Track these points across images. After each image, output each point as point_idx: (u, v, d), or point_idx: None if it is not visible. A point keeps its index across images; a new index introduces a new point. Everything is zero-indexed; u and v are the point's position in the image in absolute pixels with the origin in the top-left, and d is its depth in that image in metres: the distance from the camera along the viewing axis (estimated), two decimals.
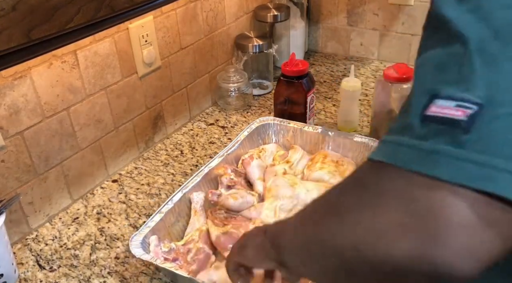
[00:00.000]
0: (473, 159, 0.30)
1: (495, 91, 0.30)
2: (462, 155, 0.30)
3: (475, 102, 0.30)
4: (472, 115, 0.30)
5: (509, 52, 0.31)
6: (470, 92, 0.31)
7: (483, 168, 0.29)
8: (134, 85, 1.09)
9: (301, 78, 1.12)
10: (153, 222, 0.83)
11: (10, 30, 0.58)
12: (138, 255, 0.77)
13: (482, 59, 0.31)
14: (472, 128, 0.30)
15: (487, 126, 0.30)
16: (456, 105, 0.31)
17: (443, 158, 0.31)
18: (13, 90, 0.84)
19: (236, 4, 1.36)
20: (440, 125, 0.31)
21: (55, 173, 0.96)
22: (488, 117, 0.30)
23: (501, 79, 0.30)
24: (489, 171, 0.29)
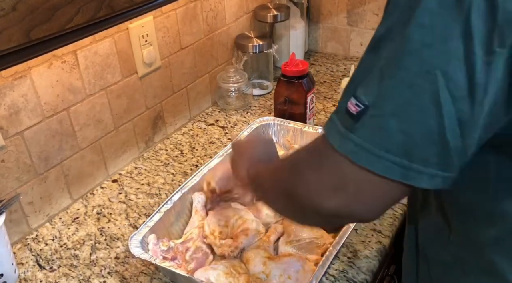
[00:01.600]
0: (354, 140, 0.45)
1: (376, 99, 0.44)
2: (349, 136, 0.45)
3: (364, 104, 0.44)
4: (359, 112, 0.45)
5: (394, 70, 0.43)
6: (366, 95, 0.44)
7: (358, 147, 0.45)
8: (134, 85, 1.09)
9: (301, 78, 1.12)
10: (152, 222, 0.83)
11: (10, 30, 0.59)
12: (137, 254, 0.77)
13: (380, 74, 0.44)
14: (358, 120, 0.45)
15: (366, 120, 0.44)
16: (355, 103, 0.45)
17: (341, 135, 0.46)
18: (13, 90, 0.84)
19: (236, 4, 1.36)
20: (346, 114, 0.46)
21: (55, 173, 0.96)
22: (367, 115, 0.44)
23: (381, 91, 0.44)
24: (360, 150, 0.45)
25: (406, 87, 0.42)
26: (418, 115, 0.42)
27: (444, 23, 0.40)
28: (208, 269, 0.77)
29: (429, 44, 0.41)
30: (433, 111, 0.42)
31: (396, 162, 0.43)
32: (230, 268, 0.78)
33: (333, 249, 0.78)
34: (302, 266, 0.78)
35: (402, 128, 0.43)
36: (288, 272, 0.78)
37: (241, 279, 0.76)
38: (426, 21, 0.41)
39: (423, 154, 0.43)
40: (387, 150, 0.43)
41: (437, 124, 0.42)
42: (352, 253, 0.85)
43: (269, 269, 0.78)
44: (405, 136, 0.43)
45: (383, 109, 0.43)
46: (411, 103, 0.42)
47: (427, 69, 0.41)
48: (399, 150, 0.43)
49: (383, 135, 0.43)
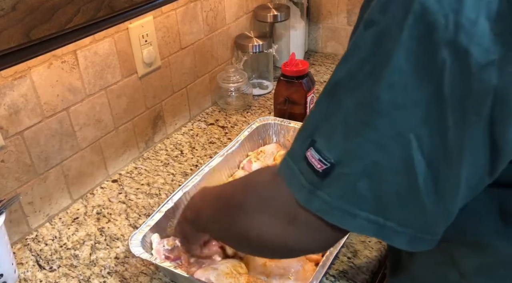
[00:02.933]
0: (323, 198, 0.43)
1: (343, 157, 0.42)
2: (316, 193, 0.44)
3: (330, 161, 0.42)
4: (324, 170, 0.43)
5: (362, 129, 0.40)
6: (330, 151, 0.42)
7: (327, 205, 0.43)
8: (134, 85, 1.09)
9: (301, 78, 1.12)
10: (153, 221, 0.83)
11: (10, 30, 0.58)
12: (137, 253, 0.77)
13: (345, 129, 0.42)
14: (324, 177, 0.43)
15: (334, 178, 0.42)
16: (319, 159, 0.43)
17: (307, 191, 0.44)
18: (13, 90, 0.84)
19: (236, 4, 1.36)
20: (309, 167, 0.44)
21: (55, 173, 0.96)
22: (334, 173, 0.42)
23: (349, 150, 0.41)
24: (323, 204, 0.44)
25: (376, 148, 0.40)
26: (390, 176, 0.40)
27: (415, 85, 0.38)
28: (208, 269, 0.77)
29: (400, 105, 0.38)
30: (406, 173, 0.40)
31: (371, 220, 0.42)
32: (231, 268, 0.77)
33: (333, 249, 0.78)
34: (302, 267, 0.78)
35: (374, 188, 0.41)
36: (288, 273, 0.78)
37: (242, 279, 0.76)
38: (396, 81, 0.38)
39: (398, 213, 0.42)
40: (361, 208, 0.42)
41: (410, 186, 0.40)
42: (352, 253, 0.85)
43: (269, 270, 0.78)
44: (378, 195, 0.41)
45: (352, 168, 0.42)
46: (382, 164, 0.40)
47: (399, 131, 0.39)
48: (373, 208, 0.42)
49: (355, 194, 0.42)
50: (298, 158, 0.46)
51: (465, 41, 0.35)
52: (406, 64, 0.38)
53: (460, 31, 0.35)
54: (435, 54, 0.37)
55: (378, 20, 0.40)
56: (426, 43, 0.37)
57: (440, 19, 0.36)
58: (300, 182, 0.45)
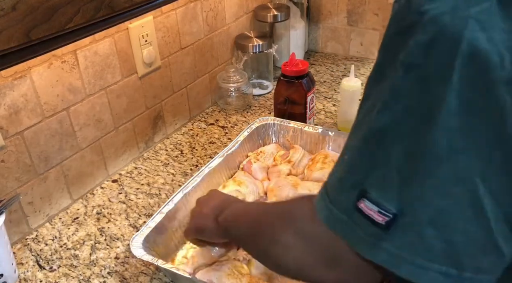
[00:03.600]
0: (389, 250, 0.41)
1: (405, 207, 0.39)
2: (382, 245, 0.41)
3: (392, 213, 0.40)
4: (388, 222, 0.40)
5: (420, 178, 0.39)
6: (390, 202, 0.40)
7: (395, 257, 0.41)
8: (134, 85, 1.09)
9: (301, 78, 1.12)
10: (153, 223, 0.83)
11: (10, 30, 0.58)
12: (139, 255, 0.77)
13: (401, 179, 0.40)
14: (388, 229, 0.40)
15: (399, 229, 0.40)
16: (378, 211, 0.41)
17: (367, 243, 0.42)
18: (13, 90, 0.84)
19: (236, 4, 1.36)
20: (367, 220, 0.41)
21: (55, 173, 0.96)
22: (399, 224, 0.40)
23: (410, 199, 0.39)
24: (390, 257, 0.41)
25: (440, 196, 0.38)
26: (460, 223, 0.38)
27: (474, 127, 0.36)
28: (210, 271, 0.77)
29: (460, 149, 0.37)
30: (477, 219, 0.38)
31: (444, 272, 0.39)
32: (233, 269, 0.77)
33: None
34: None
35: (444, 237, 0.39)
36: None
37: (244, 280, 0.76)
38: (452, 125, 0.37)
39: (474, 262, 0.39)
40: (431, 260, 0.39)
41: (483, 232, 0.38)
42: None
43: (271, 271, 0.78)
44: (448, 245, 0.39)
45: (417, 218, 0.39)
46: (450, 212, 0.38)
47: (462, 176, 0.37)
48: (445, 260, 0.39)
49: (424, 245, 0.39)
50: (348, 209, 0.43)
51: None
52: (460, 107, 0.36)
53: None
54: (493, 94, 0.35)
55: (421, 64, 0.38)
56: (481, 84, 0.35)
57: (494, 58, 0.35)
58: (357, 235, 0.43)
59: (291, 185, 0.94)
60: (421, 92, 0.38)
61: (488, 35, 0.35)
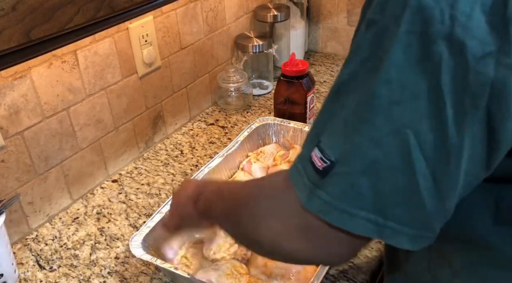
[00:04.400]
0: (322, 197, 0.42)
1: (343, 155, 0.41)
2: (316, 192, 0.43)
3: (330, 159, 0.42)
4: (325, 168, 0.42)
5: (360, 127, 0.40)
6: (331, 150, 0.42)
7: (327, 205, 0.42)
8: (134, 85, 1.09)
9: (301, 78, 1.12)
10: (153, 222, 0.83)
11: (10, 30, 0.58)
12: (138, 255, 0.77)
13: (345, 128, 0.41)
14: (324, 176, 0.42)
15: (334, 177, 0.42)
16: (320, 157, 0.43)
17: (308, 190, 0.43)
18: (13, 90, 0.84)
19: (236, 4, 1.36)
20: (312, 167, 0.43)
21: (55, 173, 0.96)
22: (334, 172, 0.42)
23: (348, 148, 0.41)
24: (323, 204, 0.42)
25: (374, 145, 0.39)
26: (389, 174, 0.40)
27: (412, 80, 0.38)
28: (209, 270, 0.77)
29: (397, 101, 0.38)
30: (405, 171, 0.39)
31: (370, 219, 0.41)
32: (231, 268, 0.77)
33: None
34: (304, 267, 0.78)
35: (373, 186, 0.40)
36: (289, 273, 0.78)
37: (243, 280, 0.76)
38: (393, 77, 0.38)
39: (397, 212, 0.41)
40: (360, 207, 0.41)
41: (409, 183, 0.39)
42: None
43: (270, 270, 0.78)
44: (377, 194, 0.40)
45: (350, 167, 0.41)
46: (381, 162, 0.40)
47: (395, 127, 0.39)
48: (373, 207, 0.41)
49: (354, 193, 0.41)
50: (305, 159, 0.45)
51: (461, 34, 0.36)
52: (403, 59, 0.38)
53: (455, 24, 0.36)
54: (431, 48, 0.37)
55: (378, 19, 0.40)
56: (423, 38, 0.37)
57: (436, 13, 0.36)
58: (303, 181, 0.44)
59: None
60: (374, 45, 0.40)
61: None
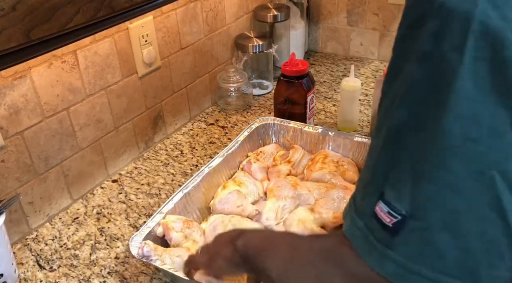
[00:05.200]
0: (396, 260, 0.37)
1: (416, 207, 0.36)
2: (386, 253, 0.37)
3: (400, 213, 0.36)
4: (395, 224, 0.37)
5: (434, 173, 0.35)
6: (400, 202, 0.37)
7: (402, 269, 0.37)
8: (134, 85, 1.09)
9: (301, 78, 1.12)
10: (153, 222, 0.83)
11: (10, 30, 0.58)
12: (138, 256, 0.77)
13: (414, 175, 0.36)
14: (396, 234, 0.37)
15: (407, 234, 0.36)
16: (387, 212, 0.37)
17: (377, 252, 0.38)
18: (13, 90, 0.84)
19: (236, 4, 1.36)
20: (378, 223, 0.38)
21: (55, 173, 0.96)
22: (407, 228, 0.36)
23: (421, 198, 0.36)
24: (397, 268, 0.37)
25: (454, 193, 0.34)
26: (476, 226, 0.34)
27: (490, 112, 0.33)
28: None
29: (474, 139, 0.33)
30: (496, 220, 0.34)
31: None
32: None
33: None
34: None
35: (457, 243, 0.35)
36: None
37: (243, 281, 0.76)
38: (464, 110, 0.33)
39: (492, 272, 0.35)
40: (442, 272, 0.35)
41: (503, 234, 0.34)
42: None
43: None
44: (463, 253, 0.35)
45: (427, 220, 0.35)
46: (464, 212, 0.34)
47: (479, 170, 0.33)
48: (459, 271, 0.35)
49: (434, 253, 0.35)
50: (366, 215, 0.39)
51: None
52: (474, 90, 0.33)
53: None
54: (508, 74, 0.32)
55: (432, 52, 0.35)
56: (495, 64, 0.32)
57: (508, 35, 0.32)
58: (368, 242, 0.39)
59: (291, 185, 0.94)
60: (433, 81, 0.35)
61: (501, 12, 0.32)
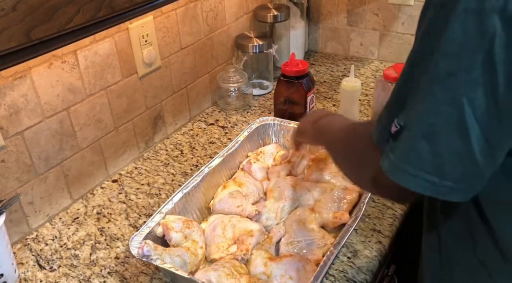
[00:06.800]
0: (391, 159, 0.50)
1: (408, 121, 0.49)
2: (388, 154, 0.51)
3: (400, 124, 0.50)
4: (396, 132, 0.50)
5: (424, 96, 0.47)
6: (403, 116, 0.50)
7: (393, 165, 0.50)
8: (134, 85, 1.09)
9: (301, 78, 1.12)
10: (153, 222, 0.83)
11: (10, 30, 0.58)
12: (139, 255, 0.77)
13: (414, 97, 0.48)
14: (395, 140, 0.50)
15: (401, 140, 0.49)
16: (394, 123, 0.51)
17: (384, 153, 0.52)
18: (13, 90, 0.84)
19: (236, 4, 1.36)
20: (390, 135, 0.52)
21: (55, 173, 0.96)
22: (402, 136, 0.49)
23: (412, 115, 0.48)
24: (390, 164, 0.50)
25: (434, 113, 0.46)
26: (447, 139, 0.46)
27: (468, 53, 0.43)
28: (209, 270, 0.77)
29: (453, 72, 0.44)
30: (460, 135, 0.45)
31: (428, 179, 0.47)
32: (231, 268, 0.77)
33: (334, 249, 0.78)
34: (303, 267, 0.78)
35: (432, 149, 0.46)
36: (289, 273, 0.78)
37: (242, 280, 0.76)
38: (451, 50, 0.44)
39: (454, 172, 0.47)
40: (419, 168, 0.47)
41: (465, 146, 0.45)
42: (352, 253, 0.85)
43: (270, 270, 0.78)
44: (435, 157, 0.46)
45: (414, 131, 0.48)
46: (439, 128, 0.46)
47: (452, 96, 0.44)
48: (431, 169, 0.47)
49: (415, 155, 0.48)
50: (384, 125, 0.54)
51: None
52: (461, 34, 0.43)
53: (508, 1, 0.40)
54: (486, 22, 0.41)
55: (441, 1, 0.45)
56: (478, 14, 0.41)
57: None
58: (384, 144, 0.52)
59: (291, 186, 0.94)
60: (436, 23, 0.45)
61: None
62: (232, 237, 0.86)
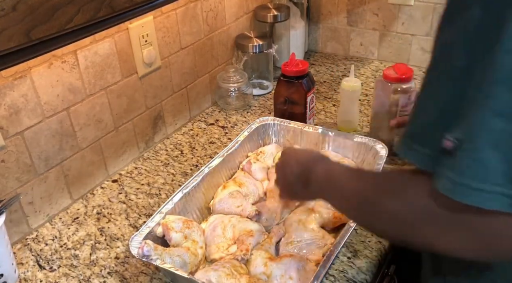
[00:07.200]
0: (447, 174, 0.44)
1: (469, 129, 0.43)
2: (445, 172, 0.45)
3: (456, 138, 0.44)
4: (453, 147, 0.44)
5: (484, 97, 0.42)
6: (457, 128, 0.44)
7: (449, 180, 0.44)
8: (134, 85, 1.09)
9: (301, 78, 1.12)
10: (153, 222, 0.83)
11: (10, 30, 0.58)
12: (139, 256, 0.77)
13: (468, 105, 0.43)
14: (453, 156, 0.44)
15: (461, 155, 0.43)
16: (447, 138, 0.44)
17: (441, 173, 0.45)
18: (13, 90, 0.84)
19: (236, 4, 1.36)
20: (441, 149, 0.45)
21: (55, 173, 0.96)
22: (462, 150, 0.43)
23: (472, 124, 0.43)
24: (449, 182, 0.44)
25: (501, 116, 0.41)
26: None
27: None
28: (209, 270, 0.77)
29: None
30: None
31: (504, 193, 0.41)
32: (231, 268, 0.77)
33: (334, 250, 0.78)
34: (303, 267, 0.78)
35: (500, 157, 0.41)
36: (289, 273, 0.78)
37: (242, 280, 0.76)
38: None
39: None
40: (493, 183, 0.41)
41: None
42: (352, 253, 0.85)
43: (270, 270, 0.78)
44: (507, 164, 0.41)
45: (476, 141, 0.42)
46: (507, 132, 0.41)
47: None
48: (502, 179, 0.41)
49: (484, 168, 0.42)
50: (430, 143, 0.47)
51: None
52: None
53: None
54: None
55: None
56: None
57: None
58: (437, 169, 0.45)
59: None
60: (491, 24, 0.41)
61: None
62: (232, 237, 0.86)
